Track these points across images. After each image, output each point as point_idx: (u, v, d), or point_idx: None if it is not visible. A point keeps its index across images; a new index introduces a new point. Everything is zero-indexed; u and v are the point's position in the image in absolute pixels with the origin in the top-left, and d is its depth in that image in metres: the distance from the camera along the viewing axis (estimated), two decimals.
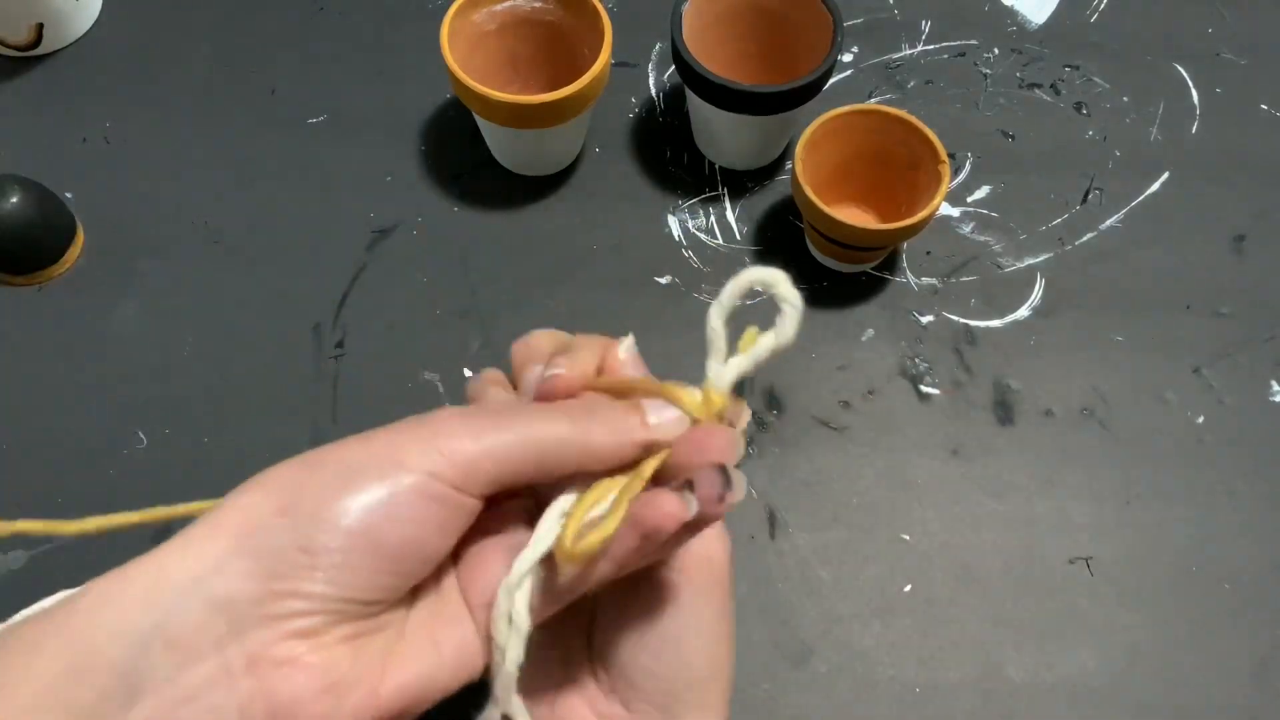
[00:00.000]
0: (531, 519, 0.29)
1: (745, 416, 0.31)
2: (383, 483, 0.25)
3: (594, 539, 0.26)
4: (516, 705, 0.28)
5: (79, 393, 0.50)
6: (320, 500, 0.25)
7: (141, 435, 0.49)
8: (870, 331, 0.53)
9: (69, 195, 0.55)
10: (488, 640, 0.28)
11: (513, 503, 0.30)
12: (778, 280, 0.28)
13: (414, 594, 0.28)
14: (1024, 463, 0.49)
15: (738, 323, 0.29)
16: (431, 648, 0.27)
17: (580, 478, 0.28)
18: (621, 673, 0.31)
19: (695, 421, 0.29)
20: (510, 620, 0.27)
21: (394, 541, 0.26)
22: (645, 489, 0.28)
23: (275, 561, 0.24)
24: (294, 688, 0.25)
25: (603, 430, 0.28)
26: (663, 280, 0.54)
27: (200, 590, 0.24)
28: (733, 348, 0.29)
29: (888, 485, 0.49)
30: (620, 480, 0.28)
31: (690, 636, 0.31)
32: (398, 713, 0.26)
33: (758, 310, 0.40)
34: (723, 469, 0.27)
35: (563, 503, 0.28)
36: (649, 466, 0.28)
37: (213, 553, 0.25)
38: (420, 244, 0.55)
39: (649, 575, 0.31)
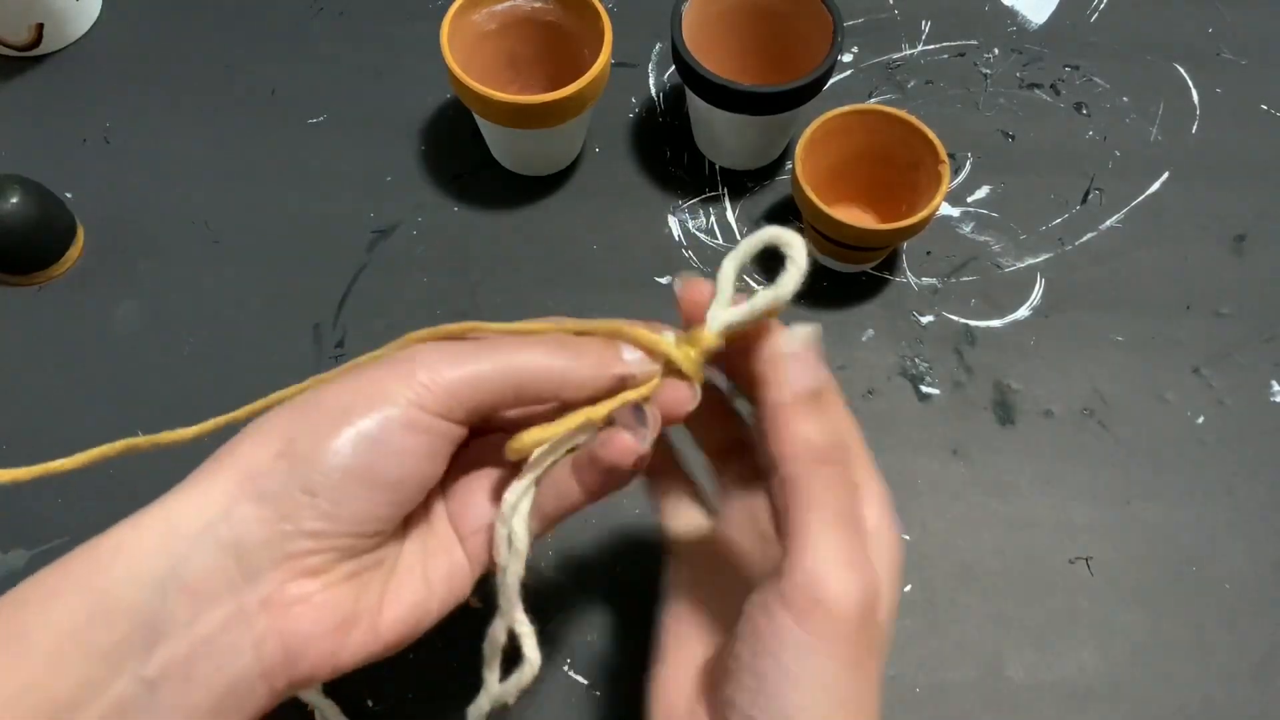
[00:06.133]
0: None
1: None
2: (371, 418, 0.27)
3: (542, 437, 0.29)
4: (520, 618, 0.31)
5: (79, 393, 0.50)
6: (314, 442, 0.26)
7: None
8: (870, 331, 0.53)
9: (69, 195, 0.55)
10: (488, 562, 0.30)
11: (496, 437, 0.31)
12: (793, 242, 0.29)
13: (406, 529, 0.30)
14: (1024, 463, 0.49)
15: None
16: (422, 582, 0.29)
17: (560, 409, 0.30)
18: (724, 707, 0.27)
19: (670, 364, 0.31)
20: (510, 542, 0.29)
21: (387, 472, 0.27)
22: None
23: (279, 503, 0.26)
24: (307, 625, 0.26)
25: (579, 361, 0.29)
26: (663, 280, 0.54)
27: (211, 536, 0.25)
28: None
29: (888, 485, 0.49)
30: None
31: (790, 690, 0.26)
32: (393, 645, 0.28)
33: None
34: (640, 413, 0.30)
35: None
36: (622, 398, 0.30)
37: (219, 500, 0.26)
38: (420, 244, 0.55)
39: (759, 601, 0.27)
